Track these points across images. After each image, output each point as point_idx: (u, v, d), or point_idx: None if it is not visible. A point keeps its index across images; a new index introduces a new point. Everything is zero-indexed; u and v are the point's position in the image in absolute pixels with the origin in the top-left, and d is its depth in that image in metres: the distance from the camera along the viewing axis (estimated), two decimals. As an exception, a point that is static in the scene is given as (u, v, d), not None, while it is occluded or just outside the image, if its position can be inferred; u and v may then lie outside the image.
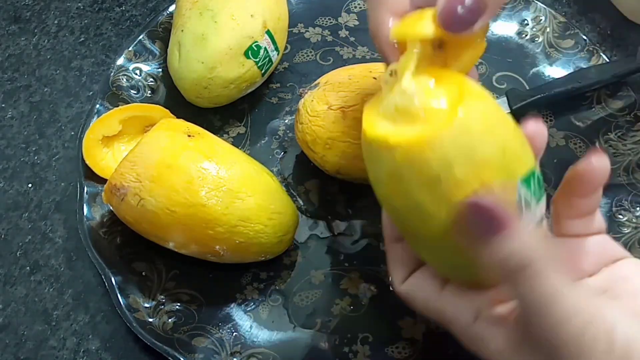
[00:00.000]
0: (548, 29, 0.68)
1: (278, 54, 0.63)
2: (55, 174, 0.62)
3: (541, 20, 0.69)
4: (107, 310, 0.55)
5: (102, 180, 0.57)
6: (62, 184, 0.62)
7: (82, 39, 0.71)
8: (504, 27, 0.70)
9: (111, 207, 0.53)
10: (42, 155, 0.63)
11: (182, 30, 0.60)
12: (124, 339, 0.54)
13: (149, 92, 0.64)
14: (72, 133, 0.64)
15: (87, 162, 0.57)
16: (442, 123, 0.34)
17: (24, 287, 0.56)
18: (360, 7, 0.71)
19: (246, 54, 0.59)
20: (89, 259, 0.55)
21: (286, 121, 0.64)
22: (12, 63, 0.69)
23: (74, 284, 0.57)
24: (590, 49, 0.66)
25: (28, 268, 0.57)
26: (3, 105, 0.66)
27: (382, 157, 0.36)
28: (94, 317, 0.55)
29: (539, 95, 0.63)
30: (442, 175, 0.34)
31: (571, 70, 0.66)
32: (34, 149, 0.64)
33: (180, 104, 0.63)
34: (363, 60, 0.67)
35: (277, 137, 0.63)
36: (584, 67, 0.66)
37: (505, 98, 0.63)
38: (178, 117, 0.59)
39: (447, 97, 0.35)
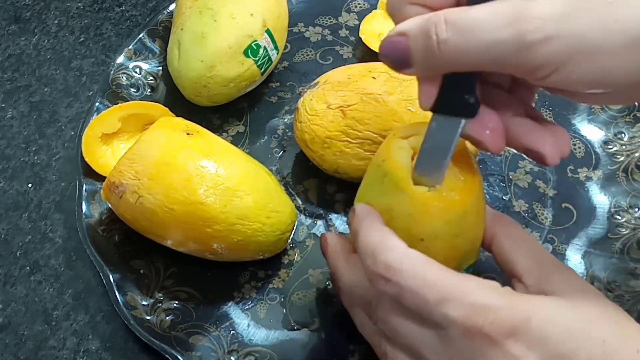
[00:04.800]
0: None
1: (278, 53, 0.63)
2: (55, 173, 0.62)
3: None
4: (107, 310, 0.55)
5: (101, 178, 0.57)
6: (62, 183, 0.62)
7: (82, 39, 0.71)
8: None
9: (110, 205, 0.53)
10: (42, 155, 0.63)
11: (182, 29, 0.60)
12: (123, 339, 0.54)
13: (149, 90, 0.64)
14: (72, 133, 0.64)
15: (86, 159, 0.57)
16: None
17: (24, 287, 0.56)
18: (360, 7, 0.71)
19: (245, 53, 0.59)
20: (89, 258, 0.55)
21: (285, 120, 0.64)
22: (12, 63, 0.69)
23: (74, 284, 0.57)
24: (590, 49, 0.66)
25: (28, 268, 0.57)
26: (3, 105, 0.66)
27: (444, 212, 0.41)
28: (94, 317, 0.55)
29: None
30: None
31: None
32: (34, 149, 0.64)
33: (179, 103, 0.63)
34: (363, 59, 0.67)
35: (276, 136, 0.63)
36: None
37: None
38: (177, 116, 0.59)
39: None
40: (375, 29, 0.68)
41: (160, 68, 0.66)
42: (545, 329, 0.36)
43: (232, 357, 0.51)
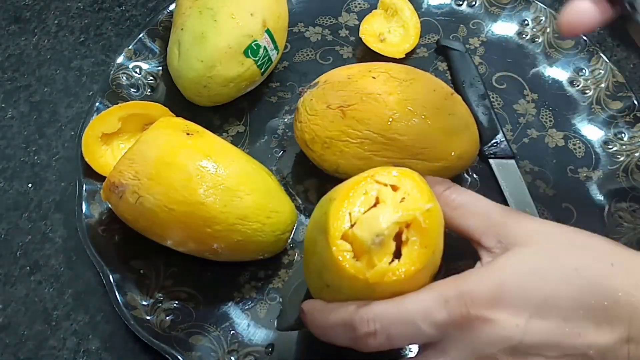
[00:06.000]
0: (548, 30, 0.68)
1: (278, 53, 0.63)
2: (55, 173, 0.62)
3: (541, 20, 0.69)
4: (107, 310, 0.55)
5: (101, 178, 0.56)
6: (62, 183, 0.62)
7: (82, 39, 0.71)
8: (504, 27, 0.70)
9: (110, 205, 0.53)
10: (42, 155, 0.63)
11: (182, 29, 0.60)
12: (123, 339, 0.54)
13: (149, 90, 0.64)
14: (72, 133, 0.64)
15: (86, 159, 0.57)
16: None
17: (24, 287, 0.56)
18: (360, 7, 0.71)
19: (245, 53, 0.59)
20: (89, 258, 0.55)
21: (285, 120, 0.64)
22: (12, 63, 0.69)
23: (74, 284, 0.57)
24: (590, 49, 0.66)
25: (28, 268, 0.57)
26: (3, 105, 0.66)
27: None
28: (94, 317, 0.55)
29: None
30: None
31: (571, 71, 0.66)
32: (34, 149, 0.64)
33: (179, 103, 0.63)
34: (363, 59, 0.67)
35: (276, 136, 0.63)
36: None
37: None
38: (177, 116, 0.59)
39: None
40: (375, 29, 0.68)
41: (160, 68, 0.65)
42: (520, 284, 0.37)
43: (232, 357, 0.51)
